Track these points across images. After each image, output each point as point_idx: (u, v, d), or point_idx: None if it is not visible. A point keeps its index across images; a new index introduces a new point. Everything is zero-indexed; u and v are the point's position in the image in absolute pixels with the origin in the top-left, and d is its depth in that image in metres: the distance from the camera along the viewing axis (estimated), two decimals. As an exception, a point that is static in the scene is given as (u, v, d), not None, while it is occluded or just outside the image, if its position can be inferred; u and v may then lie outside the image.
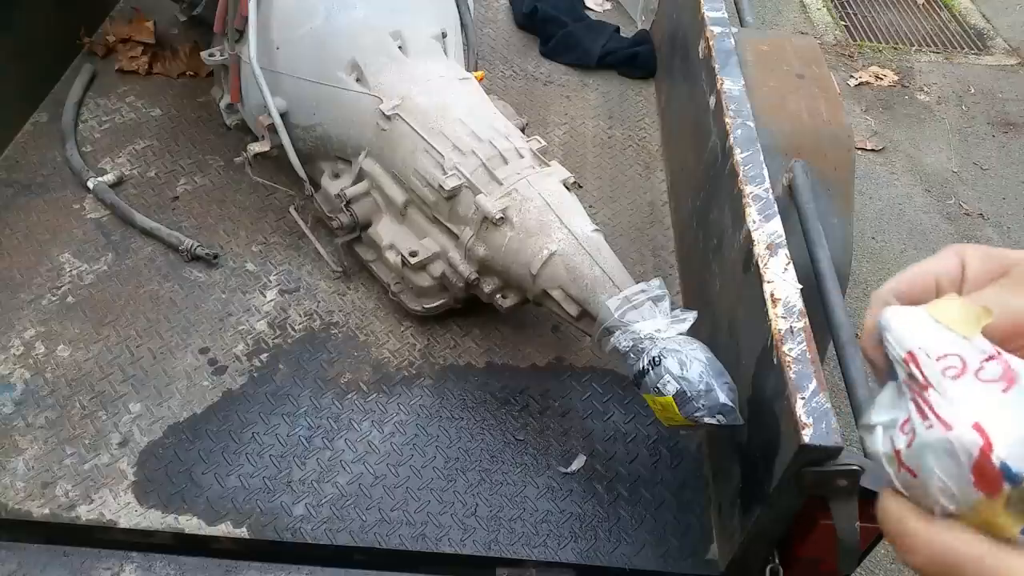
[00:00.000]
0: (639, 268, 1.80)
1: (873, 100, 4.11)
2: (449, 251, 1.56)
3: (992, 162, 3.79)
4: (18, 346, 1.60)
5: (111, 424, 1.48)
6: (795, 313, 1.14)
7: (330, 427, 1.50)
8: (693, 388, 1.18)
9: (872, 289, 3.12)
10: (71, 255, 1.77)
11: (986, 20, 4.76)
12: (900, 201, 3.56)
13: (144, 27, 2.31)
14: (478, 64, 2.00)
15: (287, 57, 1.68)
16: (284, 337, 1.64)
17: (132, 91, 2.20)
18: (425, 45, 1.73)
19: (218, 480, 1.41)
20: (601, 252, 1.43)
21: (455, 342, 1.66)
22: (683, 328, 1.27)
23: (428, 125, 1.56)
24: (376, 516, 1.37)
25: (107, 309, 1.67)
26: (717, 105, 1.55)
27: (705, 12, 1.75)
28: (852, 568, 1.05)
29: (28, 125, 2.08)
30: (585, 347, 1.64)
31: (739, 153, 1.41)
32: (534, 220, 1.44)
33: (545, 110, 2.24)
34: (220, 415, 1.50)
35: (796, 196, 1.47)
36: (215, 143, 2.06)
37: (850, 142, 1.65)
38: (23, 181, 1.94)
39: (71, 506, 1.36)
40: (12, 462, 1.41)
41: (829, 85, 1.71)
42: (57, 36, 2.22)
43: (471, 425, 1.51)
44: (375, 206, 1.67)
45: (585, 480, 1.44)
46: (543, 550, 1.34)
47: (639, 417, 1.53)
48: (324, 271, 1.77)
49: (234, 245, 1.82)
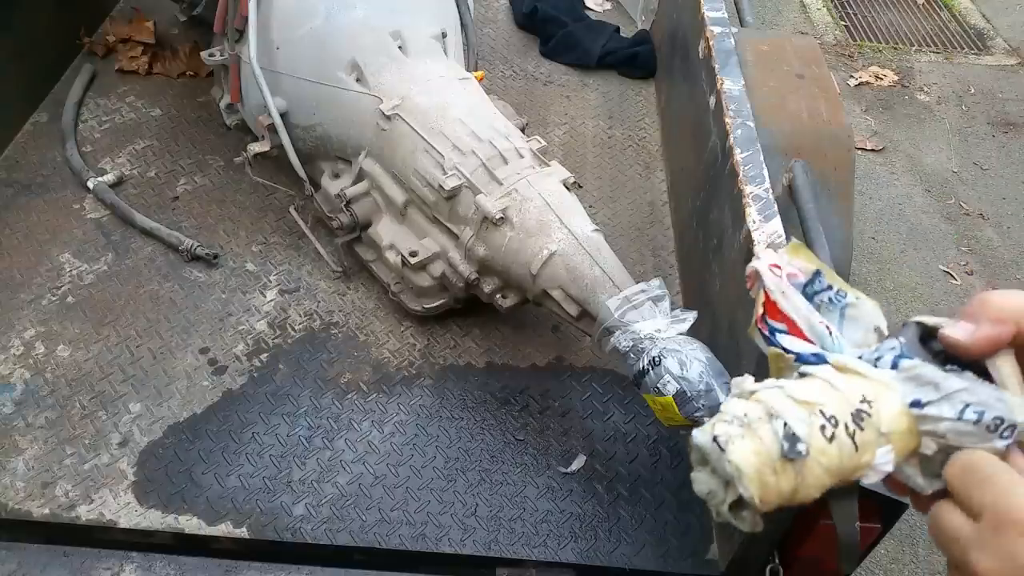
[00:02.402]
0: (639, 268, 1.80)
1: (873, 100, 4.11)
2: (449, 251, 1.56)
3: (992, 162, 3.79)
4: (18, 346, 1.60)
5: (111, 424, 1.48)
6: (795, 313, 1.14)
7: (330, 427, 1.50)
8: (693, 388, 1.18)
9: (873, 289, 3.12)
10: (71, 255, 1.78)
11: (986, 20, 4.76)
12: (900, 201, 3.56)
13: (144, 27, 2.31)
14: (478, 64, 2.00)
15: (287, 57, 1.68)
16: (284, 337, 1.64)
17: (132, 91, 2.20)
18: (425, 45, 1.73)
19: (218, 480, 1.41)
20: (601, 252, 1.43)
21: (455, 342, 1.66)
22: (683, 328, 1.27)
23: (428, 125, 1.56)
24: (376, 516, 1.38)
25: (107, 309, 1.67)
26: (717, 105, 1.55)
27: (705, 12, 1.75)
28: (852, 568, 1.06)
29: (28, 125, 2.09)
30: (585, 347, 1.64)
31: (739, 153, 1.41)
32: (534, 220, 1.44)
33: (545, 110, 2.24)
34: (220, 415, 1.50)
35: (796, 196, 1.46)
36: (215, 143, 2.06)
37: (850, 142, 1.64)
38: (23, 181, 1.94)
39: (71, 506, 1.37)
40: (12, 462, 1.42)
41: (829, 85, 1.71)
42: (57, 36, 2.22)
43: (471, 425, 1.51)
44: (375, 206, 1.67)
45: (585, 480, 1.44)
46: (543, 550, 1.35)
47: (639, 417, 1.53)
48: (324, 271, 1.77)
49: (234, 245, 1.82)
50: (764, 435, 0.58)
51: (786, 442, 0.57)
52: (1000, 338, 0.55)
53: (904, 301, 3.12)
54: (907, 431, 0.58)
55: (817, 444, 0.57)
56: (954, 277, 3.23)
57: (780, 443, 0.57)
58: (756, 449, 0.57)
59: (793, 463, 0.57)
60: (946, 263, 3.29)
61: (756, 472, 0.57)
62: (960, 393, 0.56)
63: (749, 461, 0.57)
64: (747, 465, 0.57)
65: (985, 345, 0.56)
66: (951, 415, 0.56)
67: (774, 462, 0.57)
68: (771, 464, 0.57)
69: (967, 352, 0.56)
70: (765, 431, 0.58)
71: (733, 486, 0.58)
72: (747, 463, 0.57)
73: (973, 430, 0.55)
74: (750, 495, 0.57)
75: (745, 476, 0.57)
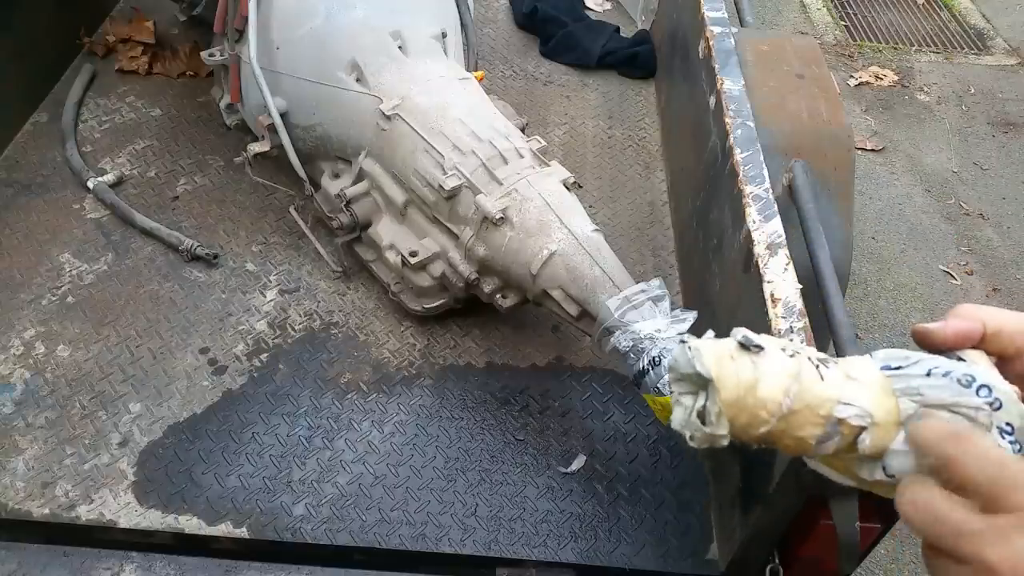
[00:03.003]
0: (639, 268, 1.80)
1: (873, 100, 4.11)
2: (449, 251, 1.56)
3: (992, 162, 3.79)
4: (18, 346, 1.60)
5: (111, 424, 1.48)
6: (795, 313, 1.14)
7: (330, 427, 1.50)
8: (693, 388, 1.18)
9: (872, 289, 3.12)
10: (71, 255, 1.78)
11: (986, 20, 4.76)
12: (900, 201, 3.56)
13: (144, 27, 2.31)
14: (478, 64, 2.00)
15: (287, 57, 1.68)
16: (284, 337, 1.64)
17: (132, 91, 2.20)
18: (425, 45, 1.73)
19: (218, 480, 1.41)
20: (601, 252, 1.43)
21: (455, 342, 1.66)
22: (683, 328, 1.27)
23: (428, 125, 1.56)
24: (376, 516, 1.38)
25: (107, 309, 1.67)
26: (717, 105, 1.55)
27: (705, 12, 1.75)
28: (852, 568, 1.05)
29: (28, 125, 2.09)
30: (585, 347, 1.64)
31: (739, 153, 1.41)
32: (534, 220, 1.44)
33: (545, 110, 2.24)
34: (220, 415, 1.50)
35: (796, 196, 1.46)
36: (215, 143, 2.06)
37: (850, 142, 1.64)
38: (23, 181, 1.94)
39: (71, 506, 1.37)
40: (12, 462, 1.42)
41: (829, 85, 1.71)
42: (57, 36, 2.22)
43: (471, 425, 1.51)
44: (375, 206, 1.67)
45: (585, 480, 1.44)
46: (543, 550, 1.34)
47: (639, 417, 1.53)
48: (324, 271, 1.77)
49: (234, 245, 1.82)
50: (726, 340, 0.65)
51: (743, 338, 0.64)
52: (967, 331, 0.60)
53: (904, 301, 3.12)
54: (880, 388, 0.61)
55: (775, 352, 0.64)
56: (954, 277, 3.23)
57: (737, 340, 0.64)
58: (715, 343, 0.65)
59: (749, 352, 0.63)
60: (946, 263, 3.29)
61: (714, 354, 0.63)
62: (926, 360, 0.61)
63: (707, 345, 0.64)
64: (705, 347, 0.64)
65: (951, 336, 0.61)
66: (921, 372, 0.60)
67: (731, 351, 0.64)
68: (728, 352, 0.64)
69: (934, 341, 0.61)
70: (728, 340, 0.65)
71: (706, 395, 0.64)
72: (705, 345, 0.64)
73: (945, 383, 0.58)
74: (707, 371, 0.62)
75: (703, 354, 0.63)
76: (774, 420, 0.62)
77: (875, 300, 3.12)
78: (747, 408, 0.62)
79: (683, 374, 0.65)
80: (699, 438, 0.65)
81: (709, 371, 0.62)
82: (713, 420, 0.63)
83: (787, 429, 0.62)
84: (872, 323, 3.03)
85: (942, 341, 0.61)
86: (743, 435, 0.64)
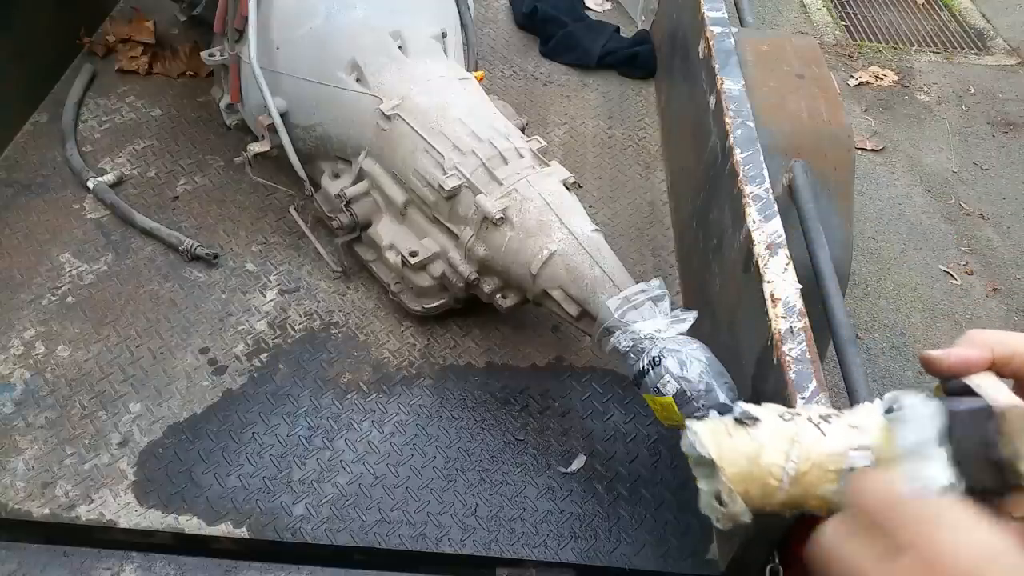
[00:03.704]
0: (639, 268, 1.80)
1: (873, 100, 4.11)
2: (449, 251, 1.56)
3: (992, 162, 3.79)
4: (18, 346, 1.60)
5: (111, 424, 1.48)
6: (795, 313, 1.14)
7: (330, 427, 1.50)
8: (693, 388, 1.18)
9: (872, 289, 3.12)
10: (71, 255, 1.78)
11: (986, 20, 4.76)
12: (900, 201, 3.56)
13: (144, 27, 2.31)
14: (478, 64, 2.00)
15: (287, 57, 1.68)
16: (284, 337, 1.64)
17: (132, 91, 2.20)
18: (425, 45, 1.73)
19: (218, 480, 1.41)
20: (601, 252, 1.43)
21: (455, 342, 1.66)
22: (683, 328, 1.27)
23: (428, 125, 1.56)
24: (376, 516, 1.38)
25: (107, 309, 1.67)
26: (717, 105, 1.55)
27: (705, 12, 1.75)
28: (852, 568, 1.05)
29: (28, 125, 2.08)
30: (585, 347, 1.64)
31: (739, 153, 1.41)
32: (534, 220, 1.44)
33: (545, 110, 2.24)
34: (220, 415, 1.50)
35: (796, 196, 1.47)
36: (215, 143, 2.06)
37: (850, 142, 1.65)
38: (23, 181, 1.94)
39: (71, 506, 1.37)
40: (12, 462, 1.41)
41: (829, 85, 1.71)
42: (57, 36, 2.22)
43: (471, 425, 1.51)
44: (375, 206, 1.67)
45: (585, 480, 1.44)
46: (543, 550, 1.34)
47: (639, 417, 1.53)
48: (324, 271, 1.77)
49: (234, 245, 1.82)
50: (724, 418, 0.68)
51: (740, 413, 0.67)
52: (968, 359, 0.60)
53: (904, 301, 3.12)
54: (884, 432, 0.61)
55: (771, 420, 0.66)
56: (954, 277, 3.23)
57: (734, 417, 0.67)
58: (713, 423, 0.67)
59: (744, 426, 0.65)
60: (946, 263, 3.29)
61: (711, 432, 0.66)
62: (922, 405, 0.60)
63: (705, 426, 0.67)
64: (703, 428, 0.66)
65: (954, 363, 0.60)
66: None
67: (728, 427, 0.66)
68: (725, 429, 0.66)
69: (939, 368, 0.61)
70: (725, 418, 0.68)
71: (716, 476, 0.65)
72: (703, 427, 0.66)
73: None
74: (707, 452, 0.65)
75: (701, 436, 0.66)
76: (785, 485, 0.63)
77: (875, 300, 3.12)
78: (755, 479, 0.63)
79: (695, 459, 0.67)
80: (722, 520, 0.67)
81: (709, 451, 0.64)
82: (726, 499, 0.64)
83: (806, 491, 0.63)
84: (872, 323, 3.03)
85: (947, 368, 0.61)
86: (766, 507, 0.65)
